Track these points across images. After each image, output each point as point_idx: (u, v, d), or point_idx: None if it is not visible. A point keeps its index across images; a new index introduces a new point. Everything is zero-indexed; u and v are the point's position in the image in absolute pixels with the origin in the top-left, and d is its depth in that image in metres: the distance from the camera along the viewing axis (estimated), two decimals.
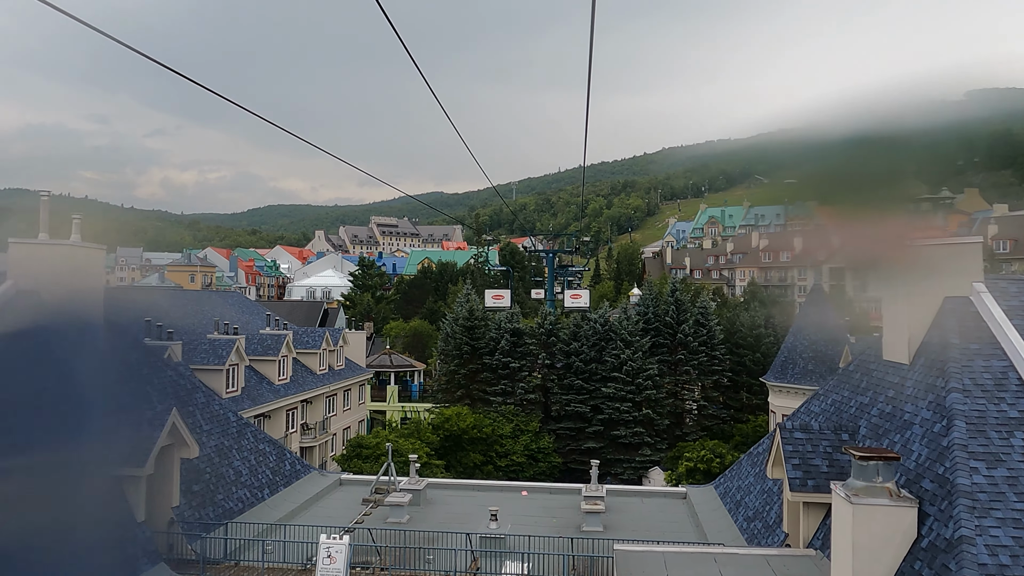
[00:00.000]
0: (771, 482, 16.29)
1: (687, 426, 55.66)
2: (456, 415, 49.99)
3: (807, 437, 13.79)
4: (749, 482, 18.64)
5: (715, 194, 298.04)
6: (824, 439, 13.74)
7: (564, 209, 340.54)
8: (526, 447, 51.44)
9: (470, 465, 49.22)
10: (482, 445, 50.24)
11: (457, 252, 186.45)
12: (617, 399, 53.26)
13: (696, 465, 44.52)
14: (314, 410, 47.52)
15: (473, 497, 21.75)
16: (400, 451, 37.93)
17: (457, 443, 49.43)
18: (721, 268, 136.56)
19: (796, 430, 13.94)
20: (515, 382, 55.27)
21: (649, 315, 57.46)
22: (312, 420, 47.13)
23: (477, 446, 49.97)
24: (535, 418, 54.16)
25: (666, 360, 56.54)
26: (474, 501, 21.47)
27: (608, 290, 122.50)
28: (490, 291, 47.64)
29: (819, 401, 16.91)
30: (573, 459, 53.86)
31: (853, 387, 15.54)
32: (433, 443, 47.60)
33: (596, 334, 55.67)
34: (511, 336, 55.88)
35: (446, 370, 57.67)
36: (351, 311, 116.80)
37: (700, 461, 44.56)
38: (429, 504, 20.85)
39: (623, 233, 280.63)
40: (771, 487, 16.65)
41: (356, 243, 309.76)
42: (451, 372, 57.09)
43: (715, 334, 56.96)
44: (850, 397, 15.37)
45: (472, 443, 49.78)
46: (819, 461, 13.44)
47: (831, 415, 15.60)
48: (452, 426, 48.86)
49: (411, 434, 47.32)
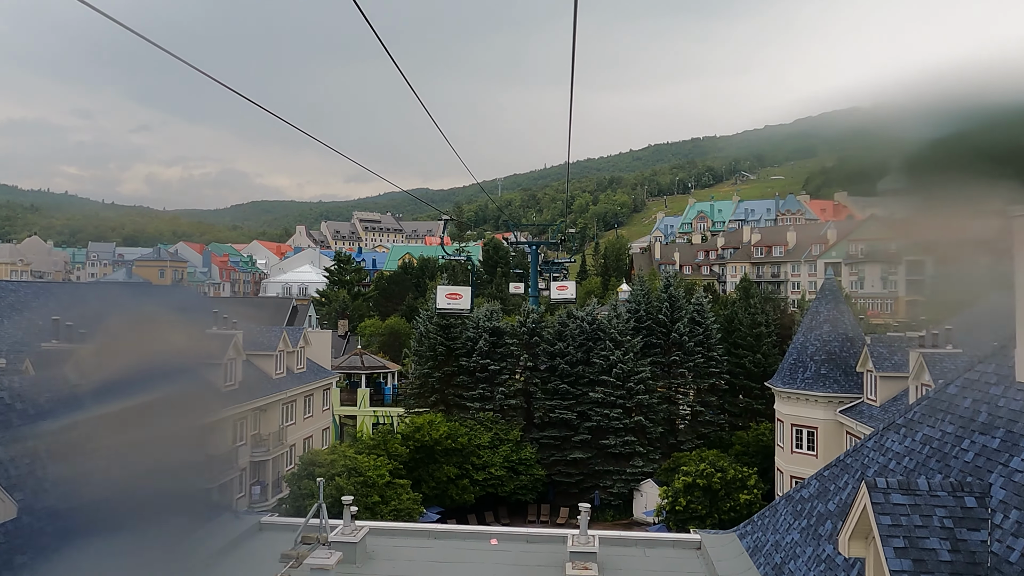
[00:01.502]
0: (837, 554, 11.44)
1: (682, 433, 51.02)
2: (428, 424, 45.07)
3: (913, 503, 8.95)
4: (792, 540, 13.87)
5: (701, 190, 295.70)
6: (939, 505, 8.93)
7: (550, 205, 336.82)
8: (506, 458, 46.62)
9: (443, 479, 44.33)
10: (457, 457, 45.35)
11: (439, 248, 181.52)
12: (606, 405, 48.54)
13: (695, 480, 39.84)
14: (269, 419, 42.43)
15: (428, 548, 16.93)
16: (359, 471, 32.98)
17: (429, 455, 44.52)
18: (712, 264, 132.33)
19: (894, 491, 9.10)
20: (494, 386, 50.43)
21: (641, 312, 52.76)
22: (267, 430, 42.06)
23: (451, 458, 45.09)
24: (516, 426, 49.35)
25: (659, 362, 51.88)
26: (428, 554, 16.65)
27: (595, 286, 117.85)
28: (443, 287, 37.61)
29: (900, 437, 12.09)
30: (558, 471, 49.09)
31: (962, 420, 10.70)
32: (401, 456, 42.68)
33: (583, 333, 50.90)
34: (490, 336, 51.03)
35: (419, 373, 52.72)
36: (326, 308, 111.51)
37: (699, 475, 39.88)
38: (369, 560, 16.02)
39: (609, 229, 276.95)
40: (832, 556, 11.89)
41: (338, 239, 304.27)
42: (424, 375, 52.13)
43: (712, 333, 52.35)
44: (959, 435, 10.55)
45: (446, 455, 44.90)
46: (936, 543, 8.63)
47: (931, 462, 10.77)
48: (423, 436, 43.94)
49: (377, 446, 42.37)
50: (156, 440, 20.79)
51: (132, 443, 19.20)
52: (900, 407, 32.70)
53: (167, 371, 30.45)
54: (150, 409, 28.75)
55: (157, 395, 29.01)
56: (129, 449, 19.70)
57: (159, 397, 29.00)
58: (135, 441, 19.48)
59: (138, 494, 18.83)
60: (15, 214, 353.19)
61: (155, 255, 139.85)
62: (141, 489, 18.69)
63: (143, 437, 20.52)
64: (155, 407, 25.53)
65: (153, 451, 20.86)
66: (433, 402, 51.71)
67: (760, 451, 46.70)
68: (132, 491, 18.75)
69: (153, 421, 27.06)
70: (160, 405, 28.44)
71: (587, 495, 48.86)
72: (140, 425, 22.68)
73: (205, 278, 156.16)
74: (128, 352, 32.77)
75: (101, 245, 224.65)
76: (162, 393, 28.84)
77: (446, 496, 44.65)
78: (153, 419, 27.85)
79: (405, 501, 34.63)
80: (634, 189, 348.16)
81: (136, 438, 20.21)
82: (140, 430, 20.33)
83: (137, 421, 27.62)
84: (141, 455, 20.50)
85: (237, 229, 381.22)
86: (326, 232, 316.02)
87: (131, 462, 19.69)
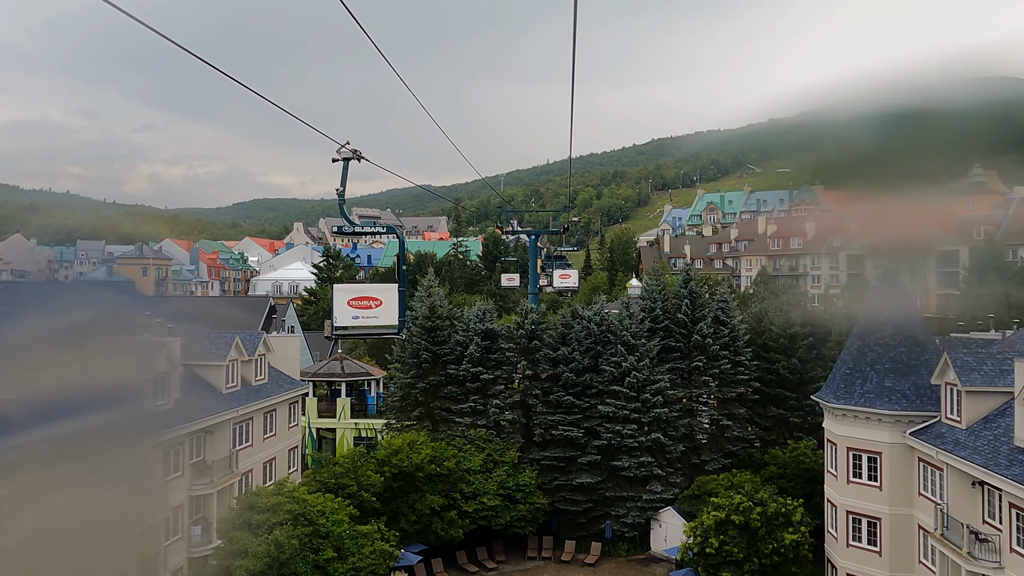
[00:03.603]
0: None
1: (706, 451, 43.88)
2: (408, 445, 38.05)
3: None
4: None
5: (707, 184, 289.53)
6: None
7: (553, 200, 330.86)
8: (501, 484, 39.59)
9: (426, 512, 37.30)
10: (443, 484, 38.34)
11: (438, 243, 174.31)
12: (618, 420, 41.46)
13: (729, 516, 32.77)
14: (216, 442, 35.46)
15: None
16: (309, 518, 25.90)
17: (409, 483, 37.51)
18: (725, 257, 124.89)
19: None
20: (488, 399, 43.36)
21: (657, 312, 45.59)
22: (214, 456, 35.08)
23: (436, 485, 38.09)
24: (513, 446, 42.29)
25: (679, 368, 44.76)
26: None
27: (601, 281, 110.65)
28: (344, 287, 23.92)
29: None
30: (562, 498, 42.02)
31: None
32: (375, 486, 35.68)
33: (591, 336, 43.79)
34: (483, 340, 43.95)
35: (401, 383, 45.68)
36: (314, 307, 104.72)
37: (734, 511, 32.80)
38: None
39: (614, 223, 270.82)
40: None
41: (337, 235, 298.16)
42: (407, 386, 45.08)
43: (739, 335, 45.17)
44: None
45: (429, 481, 37.89)
46: None
47: None
48: (402, 461, 36.92)
49: (345, 475, 35.36)
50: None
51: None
52: (999, 430, 25.55)
53: (71, 396, 23.86)
54: (43, 450, 22.74)
55: (54, 430, 22.49)
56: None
57: (57, 432, 22.49)
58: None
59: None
60: (12, 213, 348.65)
61: (137, 252, 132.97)
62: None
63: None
64: (52, 444, 20.13)
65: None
66: (417, 417, 44.66)
67: (801, 474, 39.58)
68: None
69: (44, 464, 21.56)
70: (58, 440, 22.38)
71: (596, 526, 41.88)
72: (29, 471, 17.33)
73: (192, 276, 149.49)
74: (19, 373, 25.51)
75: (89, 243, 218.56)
76: (60, 427, 22.51)
77: (430, 531, 37.67)
78: (45, 462, 22.13)
79: (368, 556, 27.61)
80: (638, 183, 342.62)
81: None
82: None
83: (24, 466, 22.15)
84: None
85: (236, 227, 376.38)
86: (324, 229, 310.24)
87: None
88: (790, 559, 32.43)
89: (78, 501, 25.70)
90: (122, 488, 28.60)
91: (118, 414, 29.99)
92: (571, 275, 47.55)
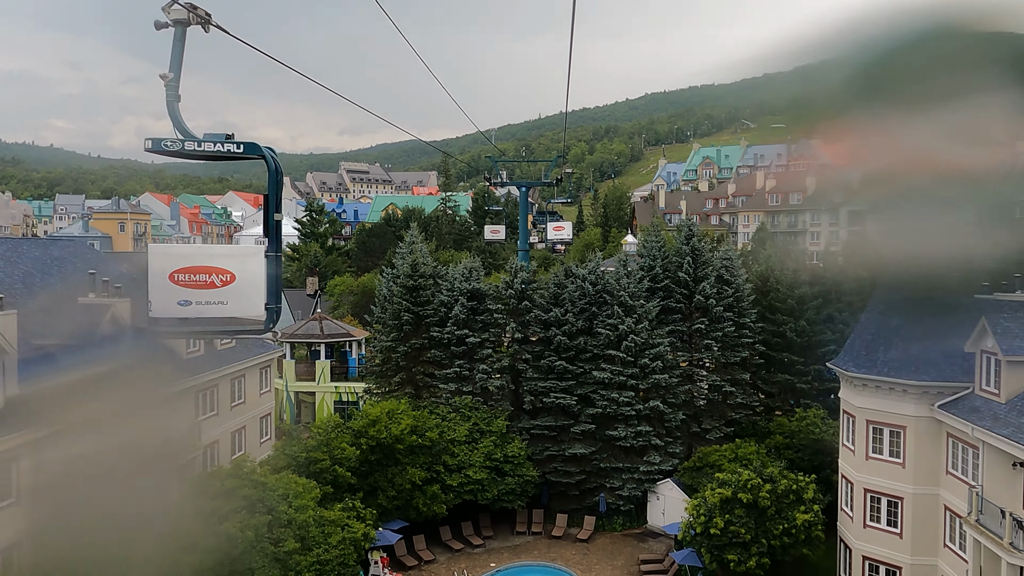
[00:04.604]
0: None
1: (708, 419, 41.10)
2: (387, 415, 35.03)
3: None
4: None
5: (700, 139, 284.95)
6: None
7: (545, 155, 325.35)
8: (488, 456, 36.74)
9: (406, 487, 34.44)
10: (425, 456, 35.46)
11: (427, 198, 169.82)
12: (614, 386, 38.53)
13: (736, 494, 30.02)
14: (177, 413, 32.26)
15: None
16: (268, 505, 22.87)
17: (389, 455, 34.59)
18: (721, 212, 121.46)
19: None
20: (474, 363, 40.29)
21: (656, 270, 42.36)
22: (174, 429, 31.91)
23: (418, 458, 35.20)
24: (501, 414, 39.37)
25: (679, 331, 41.72)
26: None
27: (594, 238, 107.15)
28: (162, 249, 12.77)
29: None
30: (554, 469, 39.28)
31: None
32: (350, 460, 32.74)
33: (585, 297, 40.61)
34: (468, 300, 40.70)
35: (381, 346, 42.51)
36: (296, 263, 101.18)
37: (742, 488, 30.03)
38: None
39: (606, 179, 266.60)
40: None
41: (324, 190, 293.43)
42: (387, 349, 41.92)
43: (744, 295, 42.09)
44: None
45: (411, 453, 34.99)
46: None
47: None
48: (379, 433, 33.92)
49: (317, 447, 32.36)
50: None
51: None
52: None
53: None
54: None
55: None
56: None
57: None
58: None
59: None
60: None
61: (114, 206, 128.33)
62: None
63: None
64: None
65: None
66: (398, 383, 41.61)
67: (810, 444, 36.88)
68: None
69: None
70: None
71: (590, 499, 39.25)
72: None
73: (173, 231, 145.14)
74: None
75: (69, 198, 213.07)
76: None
77: (410, 507, 34.88)
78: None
79: (336, 546, 24.67)
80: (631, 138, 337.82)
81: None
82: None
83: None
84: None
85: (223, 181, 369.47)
86: (312, 183, 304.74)
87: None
88: (801, 540, 29.81)
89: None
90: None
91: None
92: (565, 227, 45.01)
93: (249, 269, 10.75)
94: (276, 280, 10.44)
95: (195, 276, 10.37)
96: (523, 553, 36.03)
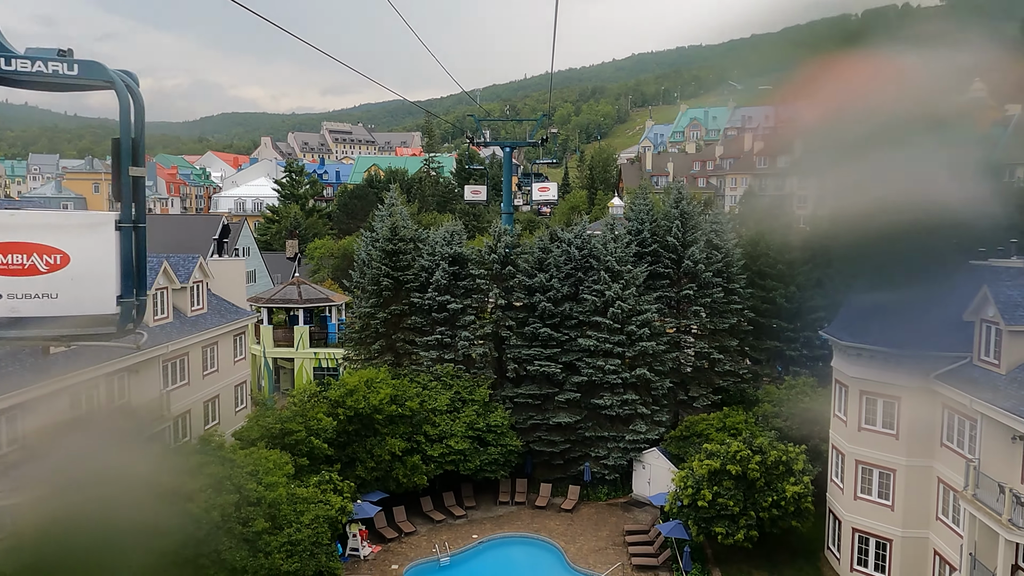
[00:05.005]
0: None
1: (695, 387, 40.25)
2: (365, 384, 33.82)
3: None
4: None
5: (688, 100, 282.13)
6: None
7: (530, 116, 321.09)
8: (471, 425, 35.69)
9: (386, 458, 33.39)
10: (405, 426, 34.37)
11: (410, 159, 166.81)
12: (600, 354, 37.49)
13: (725, 466, 29.20)
14: (143, 383, 30.95)
15: None
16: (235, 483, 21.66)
17: (367, 425, 33.47)
18: (709, 175, 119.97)
19: None
20: (456, 330, 39.05)
21: (644, 234, 41.07)
22: (140, 399, 30.61)
23: (398, 428, 34.11)
24: (484, 383, 38.27)
25: (667, 297, 40.62)
26: None
27: (581, 200, 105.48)
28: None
29: None
30: (538, 438, 38.36)
31: None
32: (326, 431, 31.59)
33: (571, 262, 39.32)
34: (450, 265, 39.30)
35: (360, 312, 41.14)
36: (276, 226, 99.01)
37: (731, 460, 29.21)
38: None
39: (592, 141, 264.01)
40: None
41: (307, 151, 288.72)
42: (366, 316, 40.56)
43: (734, 260, 41.00)
44: None
45: (390, 423, 33.89)
46: None
47: None
48: (358, 402, 32.74)
49: (292, 418, 31.14)
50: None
51: None
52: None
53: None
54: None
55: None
56: None
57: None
58: None
59: None
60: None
61: (87, 166, 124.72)
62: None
63: None
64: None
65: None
66: (378, 350, 40.34)
67: (798, 413, 36.08)
68: None
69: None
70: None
71: (575, 468, 38.45)
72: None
73: (150, 192, 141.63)
74: None
75: (43, 157, 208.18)
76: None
77: (390, 478, 33.88)
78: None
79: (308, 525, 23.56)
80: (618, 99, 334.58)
81: None
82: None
83: None
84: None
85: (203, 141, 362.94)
86: (294, 144, 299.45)
87: None
88: (791, 512, 29.12)
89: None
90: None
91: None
92: (550, 188, 44.04)
93: (90, 246, 6.90)
94: (136, 261, 7.00)
95: (6, 257, 6.50)
96: (506, 524, 35.23)
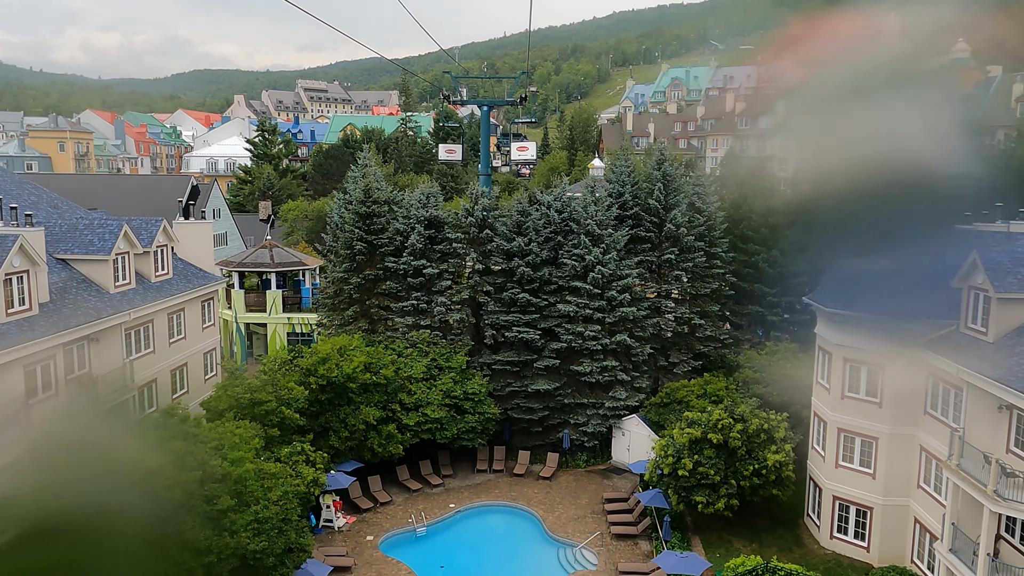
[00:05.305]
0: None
1: (675, 353, 39.68)
2: (338, 352, 32.80)
3: None
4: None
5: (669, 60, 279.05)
6: None
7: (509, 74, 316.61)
8: (447, 393, 34.89)
9: (360, 428, 32.55)
10: (380, 395, 33.49)
11: (387, 118, 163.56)
12: (580, 320, 36.71)
13: (706, 435, 28.70)
14: (105, 351, 29.68)
15: None
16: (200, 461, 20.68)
17: (341, 394, 32.54)
18: (690, 136, 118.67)
19: None
20: (432, 295, 38.00)
21: (625, 197, 40.03)
22: (102, 369, 29.37)
23: (373, 396, 33.22)
24: (461, 349, 37.38)
25: (648, 261, 39.77)
26: None
27: (560, 161, 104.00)
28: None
29: None
30: (516, 406, 37.69)
31: None
32: (298, 400, 30.61)
33: (551, 225, 38.26)
34: (426, 229, 38.09)
35: (334, 277, 39.91)
36: (249, 187, 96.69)
37: (712, 428, 28.70)
38: None
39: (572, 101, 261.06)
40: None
41: (281, 109, 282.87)
42: (340, 280, 39.36)
43: (716, 224, 40.19)
44: None
45: (364, 392, 32.98)
46: None
47: None
48: (331, 371, 31.75)
49: (262, 388, 30.08)
50: None
51: None
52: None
53: None
54: None
55: None
56: None
57: None
58: None
59: None
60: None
61: (52, 124, 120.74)
62: None
63: None
64: None
65: None
66: (352, 316, 39.24)
67: (780, 379, 35.66)
68: None
69: None
70: None
71: (553, 435, 37.92)
72: None
73: (118, 152, 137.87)
74: None
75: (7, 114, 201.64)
76: None
77: (365, 448, 33.10)
78: None
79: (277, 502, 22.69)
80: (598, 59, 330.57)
81: None
82: None
83: None
84: None
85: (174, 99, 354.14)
86: (268, 102, 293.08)
87: None
88: (772, 480, 28.77)
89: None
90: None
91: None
92: (529, 147, 43.57)
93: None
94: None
95: None
96: (484, 492, 34.69)
